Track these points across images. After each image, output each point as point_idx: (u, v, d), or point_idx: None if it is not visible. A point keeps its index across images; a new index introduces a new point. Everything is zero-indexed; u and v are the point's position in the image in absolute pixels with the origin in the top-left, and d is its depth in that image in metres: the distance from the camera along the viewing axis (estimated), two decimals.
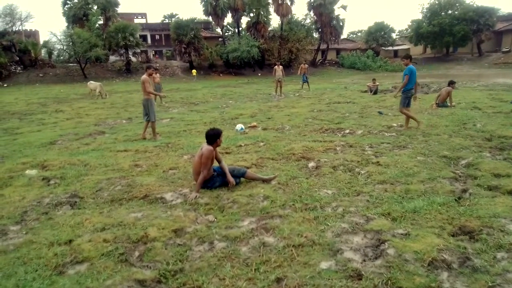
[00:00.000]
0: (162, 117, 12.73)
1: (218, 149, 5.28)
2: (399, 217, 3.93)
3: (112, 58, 43.78)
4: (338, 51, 56.22)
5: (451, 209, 4.11)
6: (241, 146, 7.63)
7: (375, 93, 18.04)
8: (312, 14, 48.60)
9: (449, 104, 12.11)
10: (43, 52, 42.09)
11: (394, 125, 9.18)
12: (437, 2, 49.93)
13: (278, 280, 2.91)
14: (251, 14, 44.99)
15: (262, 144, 7.72)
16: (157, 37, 57.43)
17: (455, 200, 4.37)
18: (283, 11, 43.64)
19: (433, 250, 3.16)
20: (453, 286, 2.77)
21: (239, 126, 9.51)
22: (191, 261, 3.25)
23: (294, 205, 4.40)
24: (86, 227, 3.89)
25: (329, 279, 2.88)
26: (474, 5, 48.28)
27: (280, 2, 43.27)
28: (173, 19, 54.47)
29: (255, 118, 11.73)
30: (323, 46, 50.88)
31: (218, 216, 4.20)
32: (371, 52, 51.43)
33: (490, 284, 2.75)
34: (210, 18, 46.53)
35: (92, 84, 21.83)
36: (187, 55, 42.51)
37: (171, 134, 9.44)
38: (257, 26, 44.22)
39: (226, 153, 7.08)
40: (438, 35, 48.43)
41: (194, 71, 40.18)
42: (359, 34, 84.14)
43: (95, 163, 6.59)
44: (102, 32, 40.16)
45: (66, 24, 43.59)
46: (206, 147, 4.95)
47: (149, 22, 59.92)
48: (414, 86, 8.76)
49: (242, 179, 5.29)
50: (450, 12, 49.39)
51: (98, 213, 4.35)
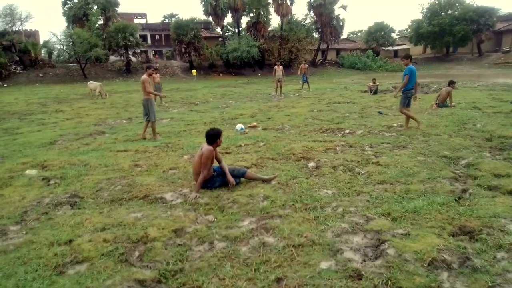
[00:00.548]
0: (162, 117, 12.74)
1: (218, 149, 5.28)
2: (399, 217, 3.93)
3: (112, 58, 43.77)
4: (338, 51, 56.23)
5: (451, 209, 4.11)
6: (241, 146, 7.63)
7: (375, 93, 18.04)
8: (312, 14, 48.63)
9: (449, 104, 12.12)
10: (43, 52, 42.10)
11: (394, 125, 9.18)
12: (437, 2, 49.92)
13: (278, 280, 2.91)
14: (251, 14, 44.99)
15: (262, 144, 7.72)
16: (157, 37, 57.45)
17: (455, 200, 4.37)
18: (283, 11, 43.65)
19: (433, 250, 3.16)
20: (453, 286, 2.77)
21: (239, 126, 9.51)
22: (191, 261, 3.25)
23: (294, 205, 4.40)
24: (86, 227, 3.89)
25: (329, 279, 2.88)
26: (474, 5, 48.29)
27: (280, 2, 43.28)
28: (173, 19, 54.45)
29: (255, 118, 11.73)
30: (323, 46, 50.89)
31: (218, 216, 4.20)
32: (371, 52, 51.45)
33: (490, 284, 2.75)
34: (210, 18, 46.53)
35: (92, 84, 21.84)
36: (187, 55, 42.52)
37: (171, 134, 9.44)
38: (257, 26, 44.22)
39: (226, 153, 7.08)
40: (438, 35, 48.43)
41: (194, 71, 40.23)
42: (359, 34, 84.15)
43: (95, 163, 6.59)
44: (102, 32, 40.17)
45: (66, 24, 43.64)
46: (206, 147, 4.95)
47: (149, 22, 59.97)
48: (414, 86, 8.76)
49: (242, 179, 5.30)
50: (450, 12, 49.39)
51: (98, 213, 4.35)
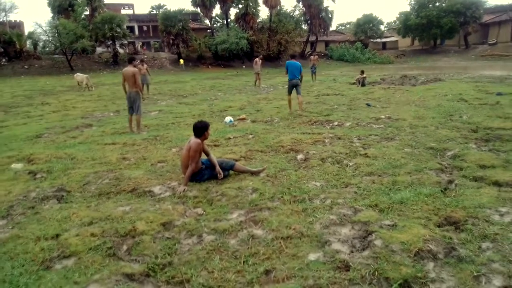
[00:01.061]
0: (150, 109, 12.63)
1: (206, 141, 5.25)
2: (386, 208, 3.97)
3: (99, 49, 43.10)
4: (327, 43, 56.29)
5: (437, 200, 4.17)
6: (230, 138, 7.61)
7: (363, 85, 18.12)
8: (301, 5, 48.59)
9: None
10: (28, 43, 41.21)
11: (382, 117, 9.25)
12: None
13: (267, 272, 2.93)
14: (240, 6, 44.77)
15: (251, 136, 7.72)
16: (144, 28, 56.76)
17: (441, 191, 4.43)
18: (272, 3, 43.45)
19: (419, 240, 3.20)
20: (439, 276, 2.81)
21: (228, 119, 9.48)
22: (180, 254, 3.25)
23: (282, 197, 4.42)
24: (73, 221, 3.86)
25: (317, 271, 2.91)
26: None
27: None
28: (160, 10, 53.91)
29: (244, 110, 11.71)
30: (312, 38, 50.88)
31: (207, 209, 4.20)
32: (360, 44, 51.64)
33: (475, 273, 2.80)
34: (199, 9, 46.04)
35: (79, 76, 21.52)
36: (175, 47, 42.15)
37: (160, 127, 9.37)
38: (245, 17, 43.99)
39: (215, 145, 7.06)
40: (425, 27, 48.78)
41: (181, 60, 40.88)
42: (348, 26, 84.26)
43: (82, 157, 6.52)
44: (88, 23, 39.49)
45: (51, 14, 42.86)
46: (194, 140, 4.92)
47: (136, 13, 59.13)
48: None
49: (231, 172, 5.29)
50: (437, 4, 49.74)
51: (86, 207, 4.31)
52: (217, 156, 5.67)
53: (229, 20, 47.13)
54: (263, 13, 77.65)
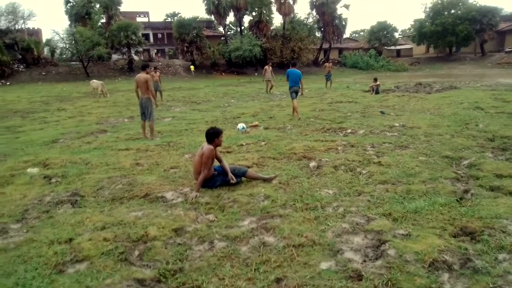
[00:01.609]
0: (164, 116, 12.74)
1: (219, 148, 5.26)
2: (400, 217, 3.91)
3: (114, 56, 43.73)
4: (340, 51, 56.12)
5: (453, 209, 4.09)
6: (242, 145, 7.62)
7: (377, 92, 17.99)
8: (314, 13, 48.51)
9: None
10: (46, 50, 42.11)
11: (396, 124, 9.15)
12: (440, 2, 49.68)
13: (278, 280, 2.91)
14: (254, 13, 44.94)
15: (263, 143, 7.71)
16: (159, 35, 57.44)
17: (457, 200, 4.36)
18: (286, 10, 43.55)
19: (434, 251, 3.14)
20: (453, 287, 2.76)
21: (241, 125, 9.50)
22: (191, 260, 3.24)
23: (294, 204, 4.39)
24: (86, 226, 3.89)
25: (329, 280, 2.87)
26: (477, 4, 48.05)
27: (282, 1, 43.11)
28: (175, 18, 54.51)
29: (257, 117, 11.72)
30: (326, 46, 50.78)
31: (219, 215, 4.20)
32: (374, 51, 51.30)
33: (491, 285, 2.73)
34: (213, 17, 46.42)
35: (94, 82, 21.86)
36: (189, 54, 42.51)
37: (173, 133, 9.44)
38: (259, 25, 44.16)
39: (228, 152, 7.07)
40: (441, 35, 48.27)
41: (192, 67, 41.80)
42: (362, 33, 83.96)
43: (97, 162, 6.59)
44: (104, 30, 40.14)
45: (68, 22, 43.62)
46: (206, 147, 4.94)
47: (151, 20, 59.87)
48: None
49: (243, 179, 5.29)
50: (453, 11, 49.19)
51: (99, 211, 4.36)
52: (229, 162, 5.68)
53: (242, 27, 47.37)
54: (277, 20, 77.73)
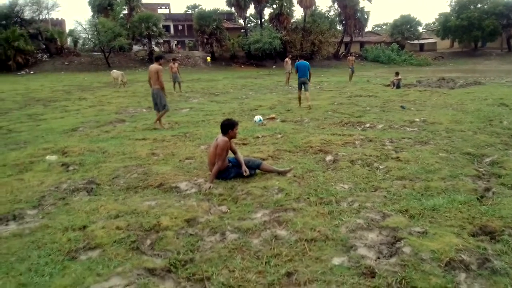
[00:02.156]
0: (182, 106, 12.80)
1: (235, 140, 5.23)
2: (417, 214, 3.81)
3: (135, 47, 44.22)
4: (361, 44, 55.22)
5: (472, 208, 3.96)
6: (258, 137, 7.57)
7: (398, 87, 17.63)
8: (336, 6, 47.88)
9: None
10: (69, 40, 42.86)
11: (417, 120, 8.94)
12: None
13: (289, 274, 2.86)
14: (274, 6, 44.62)
15: (279, 136, 7.65)
16: (180, 27, 57.71)
17: (477, 199, 4.21)
18: (307, 3, 43.07)
19: (451, 250, 3.04)
20: None
21: (258, 118, 9.44)
22: (202, 251, 3.23)
23: (308, 198, 4.33)
24: (100, 214, 3.92)
25: (341, 276, 2.81)
26: None
27: None
28: (196, 10, 54.56)
29: (274, 110, 11.64)
30: (347, 39, 50.07)
31: (232, 207, 4.17)
32: (396, 45, 50.30)
33: (510, 287, 2.63)
34: (233, 9, 46.30)
35: (114, 72, 22.12)
36: (209, 46, 42.61)
37: (190, 124, 9.45)
38: (279, 17, 43.84)
39: (243, 144, 7.03)
40: (466, 29, 47.01)
41: (208, 58, 41.99)
42: (384, 27, 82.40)
43: (114, 151, 6.65)
44: (126, 21, 40.54)
45: (91, 13, 44.24)
46: (221, 138, 4.91)
47: (172, 12, 60.17)
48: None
49: (258, 171, 5.24)
50: (479, 5, 47.85)
51: (113, 200, 4.39)
52: (244, 154, 5.64)
53: (263, 20, 47.12)
54: (298, 13, 77.41)
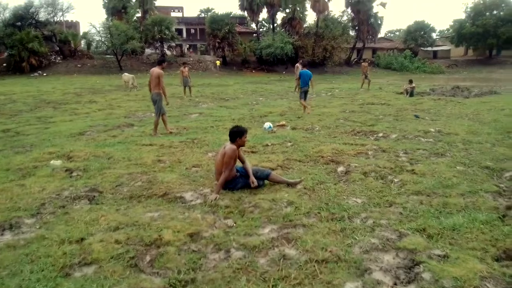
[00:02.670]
0: (191, 112, 12.65)
1: (244, 148, 5.03)
2: (436, 234, 3.55)
3: (147, 51, 44.38)
4: (374, 50, 54.70)
5: (495, 228, 3.69)
6: (267, 145, 7.36)
7: (412, 95, 17.30)
8: (349, 11, 47.49)
9: None
10: (83, 43, 43.20)
11: (432, 130, 8.64)
12: (481, 2, 47.59)
13: None
14: (287, 10, 44.48)
15: (289, 144, 7.43)
16: (192, 31, 57.82)
17: (499, 218, 3.93)
18: (320, 8, 42.80)
19: (475, 277, 2.79)
20: None
21: (267, 125, 9.23)
22: (204, 270, 3.02)
23: (319, 213, 4.10)
24: (100, 225, 3.75)
25: None
26: None
27: None
28: (209, 14, 54.72)
29: (285, 116, 11.42)
30: (359, 45, 49.67)
31: (238, 220, 3.96)
32: (409, 52, 49.68)
33: None
34: (246, 13, 46.32)
35: (125, 76, 22.12)
36: (221, 50, 42.51)
37: (198, 130, 9.28)
38: (292, 22, 43.69)
39: (252, 152, 6.83)
40: (481, 37, 46.26)
41: (218, 62, 41.34)
42: (397, 33, 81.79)
43: (119, 156, 6.50)
44: (139, 24, 40.78)
45: (105, 16, 44.63)
46: (229, 146, 4.71)
47: (185, 16, 60.39)
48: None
49: (266, 182, 5.03)
50: (495, 12, 47.07)
51: (115, 210, 4.22)
52: (253, 163, 5.44)
53: (275, 24, 47.01)
54: (310, 18, 77.12)
